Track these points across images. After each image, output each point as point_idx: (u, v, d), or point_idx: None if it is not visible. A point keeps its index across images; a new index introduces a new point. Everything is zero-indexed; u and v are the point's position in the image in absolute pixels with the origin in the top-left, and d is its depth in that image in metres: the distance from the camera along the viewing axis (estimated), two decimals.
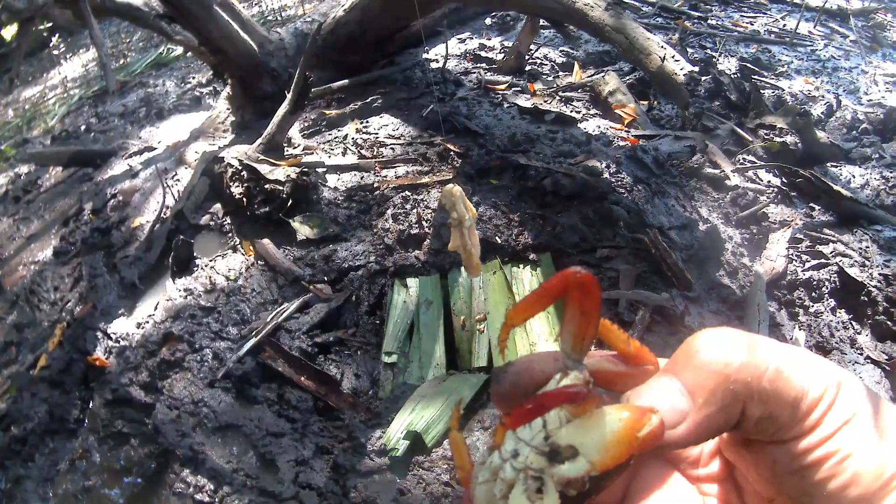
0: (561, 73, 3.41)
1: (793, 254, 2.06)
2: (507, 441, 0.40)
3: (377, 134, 2.76)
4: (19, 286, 2.63)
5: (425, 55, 3.52)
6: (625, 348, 0.41)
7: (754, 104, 2.84)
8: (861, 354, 1.77)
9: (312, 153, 2.65)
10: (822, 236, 2.14)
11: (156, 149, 3.19)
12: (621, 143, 2.56)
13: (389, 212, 2.20)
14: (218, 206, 2.43)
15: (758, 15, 4.38)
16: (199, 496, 1.55)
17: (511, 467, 0.39)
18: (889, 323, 1.82)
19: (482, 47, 3.68)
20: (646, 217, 2.06)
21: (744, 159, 2.52)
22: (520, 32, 3.39)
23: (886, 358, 1.75)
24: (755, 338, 0.39)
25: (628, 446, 0.35)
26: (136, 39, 5.51)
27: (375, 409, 1.71)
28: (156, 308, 2.06)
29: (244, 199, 2.31)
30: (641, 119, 2.87)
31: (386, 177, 2.40)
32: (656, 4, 4.21)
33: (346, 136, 2.76)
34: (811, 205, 2.33)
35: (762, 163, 2.50)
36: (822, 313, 1.89)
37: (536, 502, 0.37)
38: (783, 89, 3.17)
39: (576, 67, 3.38)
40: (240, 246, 2.25)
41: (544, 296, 0.39)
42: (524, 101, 2.93)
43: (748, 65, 3.41)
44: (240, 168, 2.35)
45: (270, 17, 4.85)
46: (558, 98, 3.05)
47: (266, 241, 2.19)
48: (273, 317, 1.92)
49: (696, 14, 4.19)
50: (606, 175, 2.19)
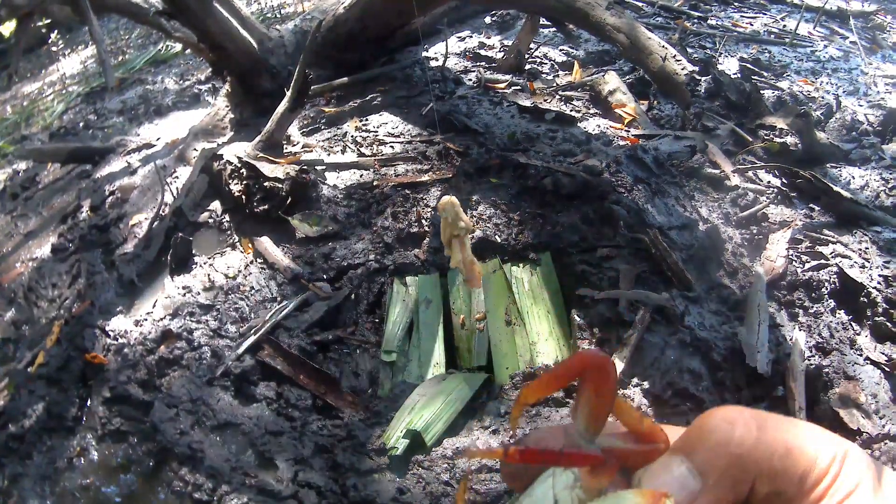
0: (561, 72, 3.41)
1: (793, 254, 2.06)
2: None
3: (377, 132, 2.75)
4: (17, 283, 2.62)
5: (425, 53, 3.51)
6: (637, 426, 0.41)
7: (754, 104, 2.84)
8: (861, 355, 1.77)
9: (312, 151, 2.64)
10: (822, 237, 2.14)
11: (154, 146, 3.18)
12: (621, 143, 2.56)
13: (389, 210, 2.20)
14: (217, 203, 2.42)
15: (758, 15, 4.38)
16: (197, 494, 1.54)
17: None
18: (889, 324, 1.82)
19: (482, 46, 3.68)
20: (646, 217, 2.06)
21: (744, 159, 2.52)
22: (520, 31, 3.38)
23: (886, 359, 1.75)
24: (765, 416, 0.40)
25: None
26: (135, 36, 5.49)
27: (375, 407, 1.70)
28: (154, 306, 2.05)
29: (243, 197, 2.30)
30: (641, 119, 2.86)
31: (385, 175, 2.39)
32: (656, 4, 4.21)
33: (345, 134, 2.75)
34: (811, 205, 2.33)
35: (762, 163, 2.50)
36: (821, 314, 1.89)
37: None
38: (783, 90, 3.17)
39: (576, 66, 3.37)
40: (239, 244, 2.24)
41: (561, 376, 0.40)
42: (524, 100, 2.93)
43: (748, 65, 3.41)
44: (239, 165, 2.34)
45: (270, 15, 4.84)
46: (558, 97, 3.05)
47: (265, 239, 2.18)
48: (272, 315, 1.91)
49: (696, 14, 4.19)
50: (606, 174, 2.19)
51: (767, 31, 4.06)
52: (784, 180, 2.42)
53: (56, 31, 5.87)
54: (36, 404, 1.87)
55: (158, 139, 3.26)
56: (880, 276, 1.94)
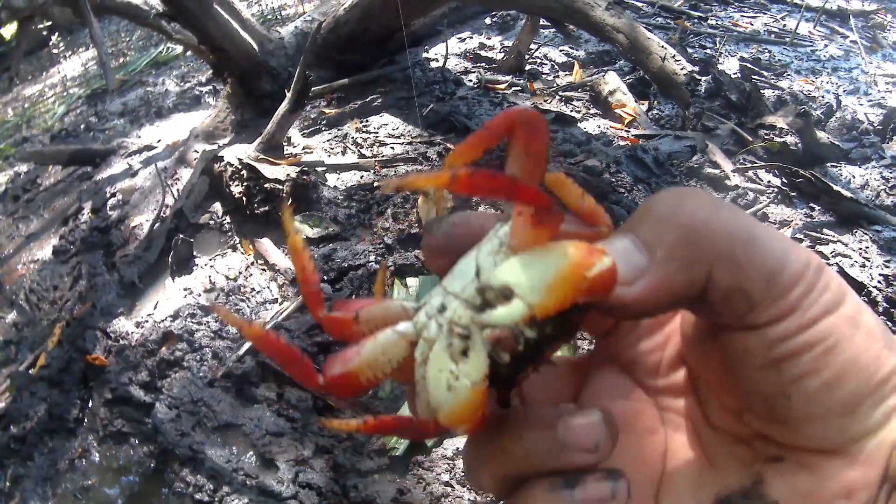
0: (561, 73, 3.41)
1: None
2: (434, 296, 0.35)
3: (377, 133, 2.75)
4: (18, 285, 2.63)
5: (425, 54, 3.52)
6: (578, 204, 0.36)
7: (754, 104, 2.84)
8: None
9: (312, 152, 2.65)
10: (822, 236, 2.14)
11: (155, 148, 3.19)
12: (621, 143, 2.56)
13: (389, 211, 2.20)
14: (217, 205, 2.43)
15: (758, 15, 4.38)
16: (198, 495, 1.55)
17: (436, 324, 0.33)
18: (889, 323, 1.82)
19: (482, 46, 3.68)
20: None
21: (744, 159, 2.52)
22: (520, 32, 3.39)
23: None
24: (726, 202, 0.34)
25: (574, 287, 0.29)
26: (136, 38, 5.50)
27: (375, 408, 1.70)
28: (155, 307, 2.05)
29: (244, 198, 2.31)
30: (641, 119, 2.87)
31: (386, 176, 2.40)
32: (656, 4, 4.21)
33: (345, 135, 2.76)
34: (811, 205, 2.33)
35: (762, 163, 2.50)
36: None
37: (460, 364, 0.31)
38: (783, 89, 3.17)
39: (576, 67, 3.37)
40: (239, 245, 2.24)
41: (489, 135, 0.34)
42: (524, 101, 2.93)
43: (748, 65, 3.41)
44: (239, 167, 2.34)
45: (270, 17, 4.84)
46: (558, 97, 3.05)
47: (266, 241, 2.19)
48: (273, 316, 1.92)
49: (696, 14, 4.19)
50: (606, 175, 2.19)
51: (767, 31, 4.06)
52: (784, 180, 2.42)
53: (57, 34, 5.88)
54: (37, 406, 1.88)
55: (159, 141, 3.26)
56: (881, 275, 1.94)
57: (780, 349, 0.32)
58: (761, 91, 2.94)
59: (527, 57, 3.39)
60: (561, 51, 3.61)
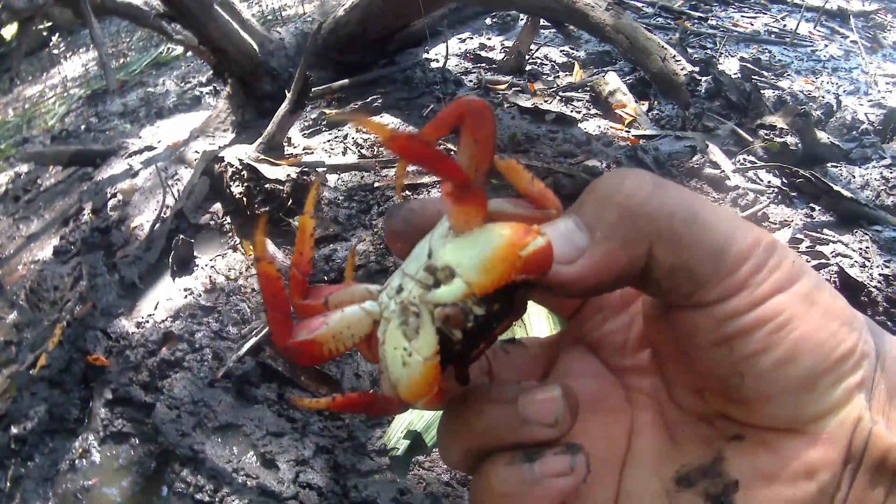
0: (561, 73, 3.41)
1: None
2: (394, 278, 0.37)
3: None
4: (19, 285, 2.63)
5: (425, 55, 3.52)
6: (527, 188, 0.37)
7: (754, 104, 2.84)
8: None
9: (313, 153, 2.65)
10: (822, 236, 2.14)
11: (156, 148, 3.19)
12: (621, 143, 2.56)
13: None
14: (218, 205, 2.43)
15: (758, 15, 4.38)
16: (199, 496, 1.55)
17: (394, 304, 0.35)
18: (889, 323, 1.82)
19: (482, 47, 3.68)
20: None
21: (744, 159, 2.52)
22: (520, 32, 3.39)
23: None
24: (669, 182, 0.33)
25: (510, 265, 0.31)
26: (136, 39, 5.51)
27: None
28: (156, 308, 2.05)
29: (244, 199, 2.31)
30: (642, 119, 2.87)
31: (386, 176, 2.40)
32: (657, 4, 4.21)
33: (346, 136, 2.76)
34: (811, 205, 2.33)
35: (762, 163, 2.50)
36: None
37: (412, 341, 0.33)
38: (783, 89, 3.17)
39: (576, 67, 3.37)
40: (240, 245, 2.25)
41: (440, 124, 0.37)
42: (524, 101, 2.93)
43: (748, 65, 3.41)
44: (240, 167, 2.34)
45: (270, 17, 4.84)
46: (558, 98, 3.05)
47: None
48: None
49: (697, 14, 4.19)
50: None
51: (768, 31, 4.06)
52: (784, 180, 2.42)
53: (57, 34, 5.89)
54: (38, 406, 1.88)
55: (160, 141, 3.27)
56: (881, 275, 1.94)
57: (729, 327, 0.31)
58: (761, 91, 2.94)
59: (527, 57, 3.39)
60: (561, 51, 3.61)
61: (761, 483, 0.32)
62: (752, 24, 4.17)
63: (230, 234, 2.31)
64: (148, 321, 2.00)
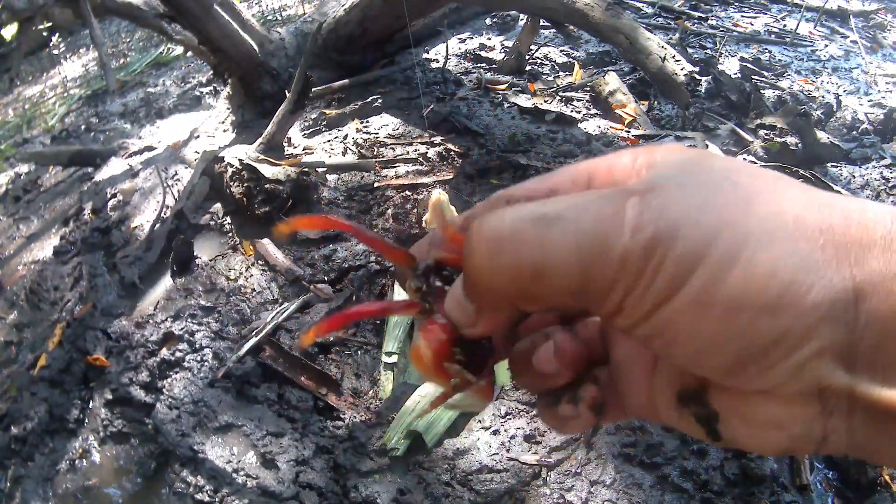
0: (561, 73, 3.41)
1: None
2: None
3: (377, 134, 2.75)
4: (19, 286, 2.63)
5: (425, 55, 3.52)
6: (447, 231, 0.40)
7: (754, 104, 2.84)
8: None
9: (313, 153, 2.65)
10: None
11: (156, 148, 3.19)
12: (622, 144, 2.56)
13: (390, 212, 2.20)
14: (218, 205, 2.43)
15: (758, 15, 4.38)
16: (199, 496, 1.55)
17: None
18: None
19: (482, 47, 3.68)
20: None
21: (744, 159, 2.52)
22: (520, 32, 3.39)
23: None
24: (513, 229, 0.31)
25: (426, 368, 0.38)
26: (136, 39, 5.51)
27: (376, 408, 1.71)
28: (156, 308, 2.05)
29: (244, 199, 2.31)
30: (642, 119, 2.87)
31: (386, 176, 2.40)
32: (657, 4, 4.21)
33: (346, 136, 2.76)
34: None
35: (763, 163, 2.50)
36: None
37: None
38: (783, 89, 3.17)
39: (576, 67, 3.37)
40: (240, 246, 2.25)
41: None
42: (524, 101, 2.93)
43: (748, 65, 3.41)
44: (240, 168, 2.34)
45: (270, 17, 4.84)
46: (559, 98, 3.05)
47: (266, 241, 2.19)
48: (273, 316, 1.92)
49: (697, 14, 4.19)
50: None
51: (768, 31, 4.06)
52: None
53: (57, 35, 5.88)
54: (38, 406, 1.88)
55: (160, 142, 3.27)
56: None
57: (635, 334, 0.31)
58: (761, 91, 2.94)
59: (527, 57, 3.39)
60: (561, 51, 3.61)
61: (738, 422, 0.32)
62: (752, 24, 4.17)
63: (230, 235, 2.31)
64: (148, 321, 2.00)
